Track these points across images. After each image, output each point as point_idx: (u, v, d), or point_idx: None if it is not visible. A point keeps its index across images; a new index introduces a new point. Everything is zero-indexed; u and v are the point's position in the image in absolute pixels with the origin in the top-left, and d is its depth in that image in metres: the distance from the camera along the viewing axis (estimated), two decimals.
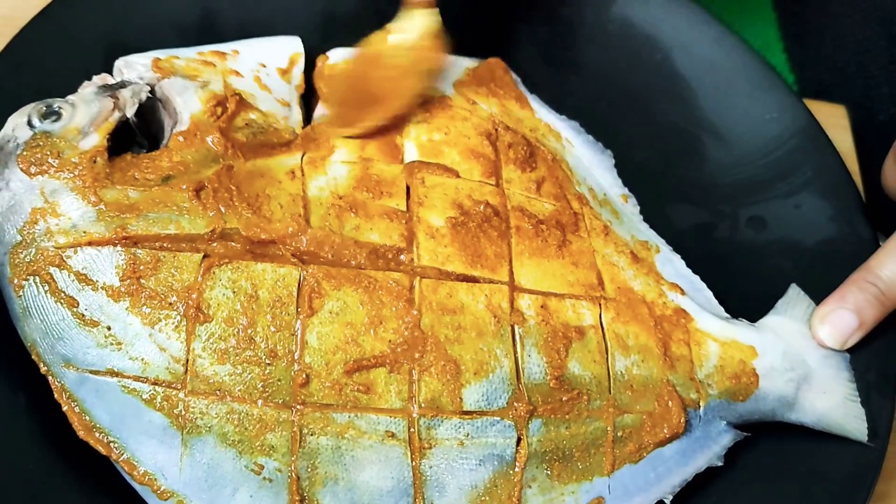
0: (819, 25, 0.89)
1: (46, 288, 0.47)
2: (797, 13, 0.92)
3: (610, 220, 0.58)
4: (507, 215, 0.53)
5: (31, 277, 0.47)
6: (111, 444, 0.46)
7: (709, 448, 0.53)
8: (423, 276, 0.50)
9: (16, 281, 0.47)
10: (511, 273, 0.51)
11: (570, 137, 0.63)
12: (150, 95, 0.53)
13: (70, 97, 0.52)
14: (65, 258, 0.47)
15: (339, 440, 0.47)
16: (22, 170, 0.48)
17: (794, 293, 0.58)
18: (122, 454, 0.46)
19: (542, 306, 0.50)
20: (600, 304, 0.52)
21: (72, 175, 0.48)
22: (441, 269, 0.50)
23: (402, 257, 0.50)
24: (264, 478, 0.46)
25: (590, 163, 0.62)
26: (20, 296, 0.47)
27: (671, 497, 0.52)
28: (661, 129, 0.68)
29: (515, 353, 0.49)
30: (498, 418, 0.48)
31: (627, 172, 0.63)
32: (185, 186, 0.49)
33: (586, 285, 0.53)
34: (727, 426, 0.54)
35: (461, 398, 0.48)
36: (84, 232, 0.48)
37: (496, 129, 0.58)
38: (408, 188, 0.53)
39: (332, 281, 0.48)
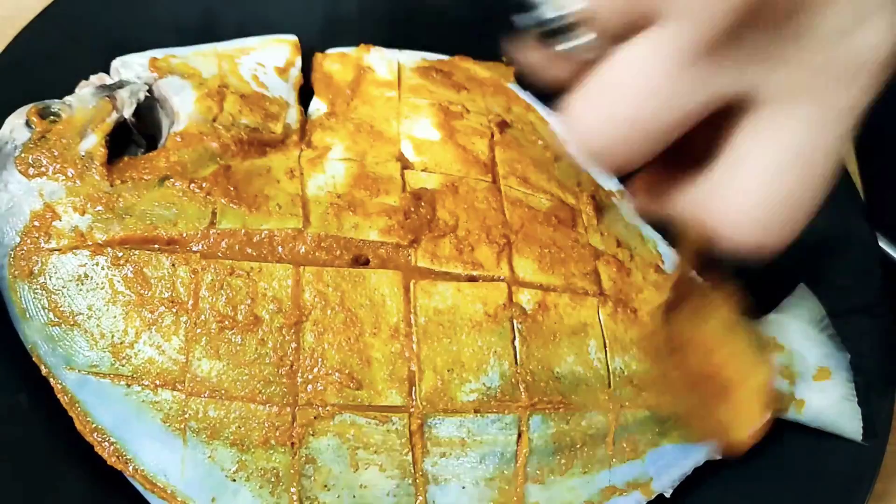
0: None
1: (46, 290, 0.47)
2: None
3: (606, 215, 0.58)
4: (505, 211, 0.53)
5: (31, 279, 0.47)
6: (113, 446, 0.46)
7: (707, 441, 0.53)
8: (422, 274, 0.50)
9: (16, 283, 0.48)
10: (511, 268, 0.51)
11: (563, 133, 0.63)
12: (147, 95, 0.53)
13: (67, 98, 0.52)
14: (64, 260, 0.47)
15: (341, 439, 0.47)
16: (20, 171, 0.49)
17: (802, 293, 0.58)
18: (125, 455, 0.46)
19: (539, 301, 0.51)
20: (598, 299, 0.52)
21: (70, 177, 0.49)
22: (440, 265, 0.50)
23: (401, 255, 0.50)
24: (266, 478, 0.46)
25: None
26: (20, 298, 0.48)
27: (671, 491, 0.52)
28: None
29: (514, 348, 0.49)
30: (498, 415, 0.48)
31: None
32: (182, 187, 0.49)
33: (584, 280, 0.53)
34: None
35: (462, 396, 0.48)
36: (83, 234, 0.48)
37: (491, 125, 0.58)
38: (404, 185, 0.53)
39: (331, 280, 0.48)
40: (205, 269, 0.47)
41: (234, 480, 0.46)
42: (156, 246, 0.48)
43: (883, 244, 0.66)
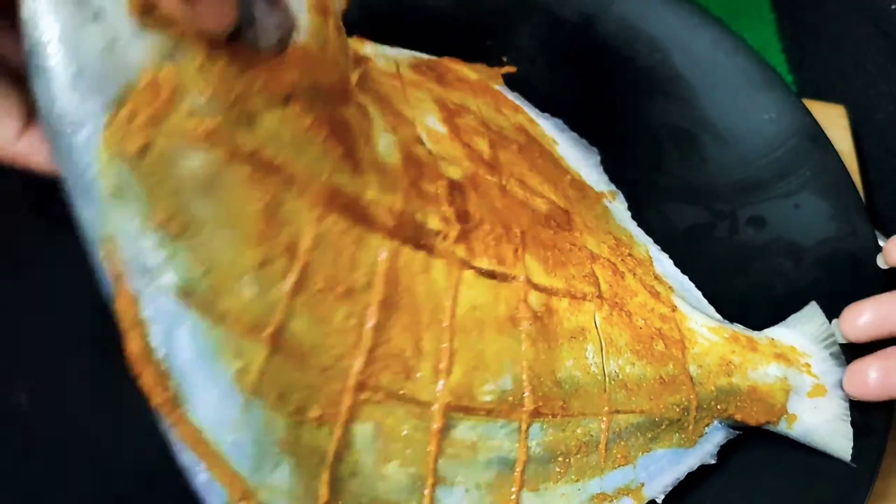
0: (817, 26, 0.89)
1: (158, 179, 0.37)
2: (796, 14, 0.92)
3: (599, 218, 0.57)
4: (515, 211, 0.52)
5: (138, 159, 0.36)
6: (168, 382, 0.39)
7: (701, 446, 0.53)
8: (464, 266, 0.48)
9: (113, 159, 0.36)
10: (525, 268, 0.50)
11: (553, 135, 0.63)
12: None
13: None
14: (190, 152, 0.37)
15: (378, 428, 0.45)
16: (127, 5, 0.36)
17: (811, 311, 0.57)
18: (176, 395, 0.39)
19: (545, 304, 0.50)
20: (595, 302, 0.52)
21: (198, 47, 0.37)
22: (475, 260, 0.48)
23: (449, 245, 0.48)
24: (307, 455, 0.43)
25: (575, 160, 0.62)
26: (116, 174, 0.36)
27: (663, 496, 0.52)
28: (660, 129, 0.68)
29: (527, 351, 0.48)
30: (505, 420, 0.48)
31: (625, 172, 0.63)
32: (303, 121, 0.41)
33: (584, 283, 0.52)
34: (719, 424, 0.54)
35: (481, 396, 0.47)
36: (214, 129, 0.38)
37: (489, 127, 0.58)
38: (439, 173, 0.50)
39: (406, 264, 0.45)
40: (321, 220, 0.42)
41: (279, 452, 0.42)
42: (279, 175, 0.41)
43: (883, 244, 0.66)
